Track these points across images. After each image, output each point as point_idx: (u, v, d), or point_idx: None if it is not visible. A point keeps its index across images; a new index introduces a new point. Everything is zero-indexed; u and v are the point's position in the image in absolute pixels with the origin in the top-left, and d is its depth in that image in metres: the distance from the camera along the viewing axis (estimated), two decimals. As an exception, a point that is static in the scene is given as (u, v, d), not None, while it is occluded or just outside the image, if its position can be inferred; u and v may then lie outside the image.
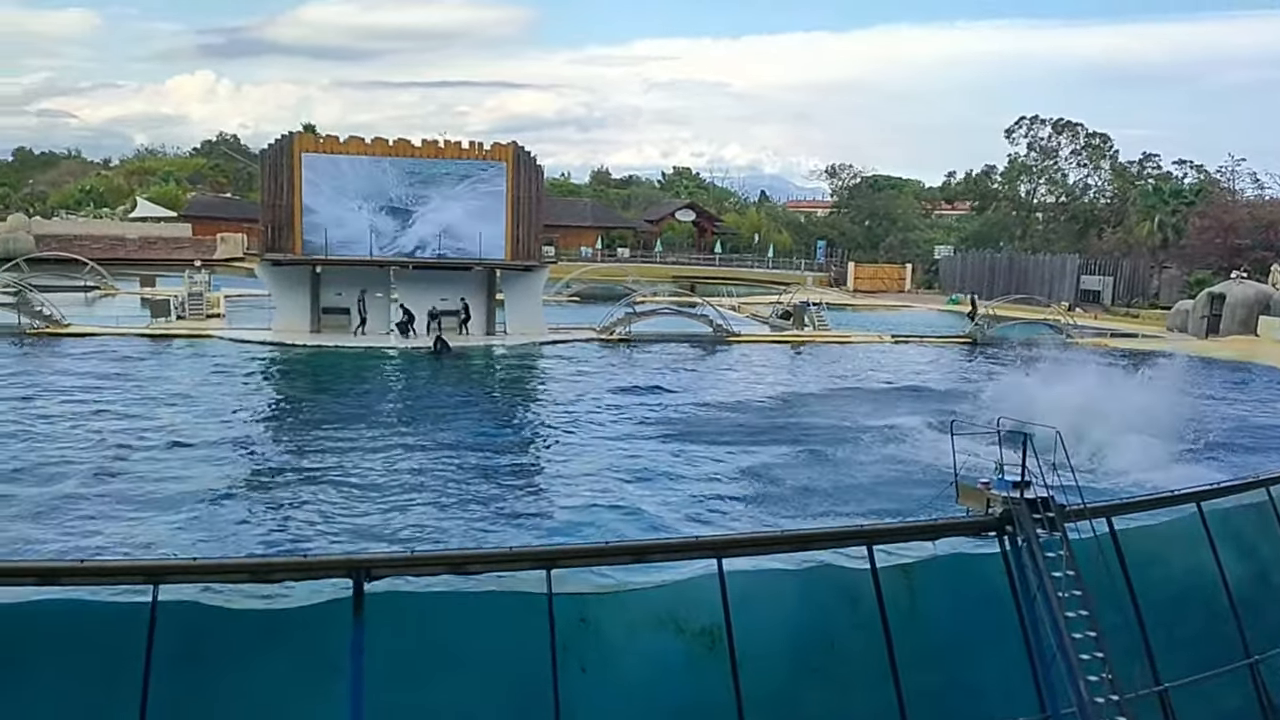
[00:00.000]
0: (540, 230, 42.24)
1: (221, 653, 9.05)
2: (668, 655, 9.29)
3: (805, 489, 19.76)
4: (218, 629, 9.14)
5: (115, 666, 8.62)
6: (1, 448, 20.54)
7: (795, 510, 18.11)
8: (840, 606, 9.74)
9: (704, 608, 9.29)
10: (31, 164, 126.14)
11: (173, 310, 41.93)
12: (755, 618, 9.32)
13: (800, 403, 29.24)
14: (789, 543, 9.85)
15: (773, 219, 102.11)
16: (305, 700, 8.99)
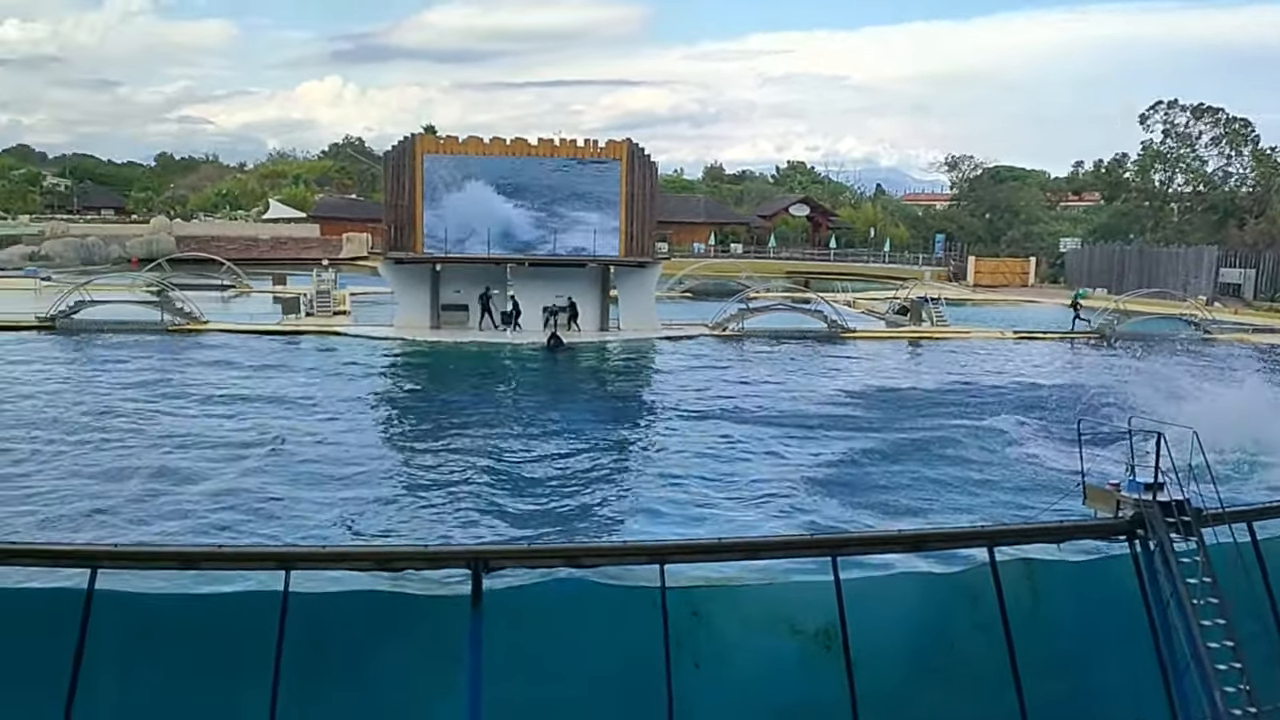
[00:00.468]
0: (654, 227, 42.42)
1: (344, 639, 9.39)
2: (781, 653, 9.25)
3: (922, 487, 19.35)
4: (342, 615, 9.49)
5: (246, 650, 9.03)
6: (148, 439, 21.70)
7: (912, 509, 17.76)
8: (960, 608, 9.53)
9: (818, 606, 9.21)
10: (172, 169, 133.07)
11: (302, 307, 43.61)
12: (870, 617, 9.19)
13: (917, 400, 28.65)
14: (906, 542, 9.68)
15: (889, 213, 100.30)
16: (425, 689, 9.26)
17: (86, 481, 18.31)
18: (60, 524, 15.68)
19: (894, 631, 9.32)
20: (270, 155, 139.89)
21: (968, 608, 9.52)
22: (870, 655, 9.03)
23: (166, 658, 9.07)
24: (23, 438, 21.49)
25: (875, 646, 9.11)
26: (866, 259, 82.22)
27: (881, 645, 9.17)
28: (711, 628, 9.21)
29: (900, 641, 9.38)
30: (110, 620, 8.87)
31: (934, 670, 9.45)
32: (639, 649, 9.14)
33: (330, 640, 9.28)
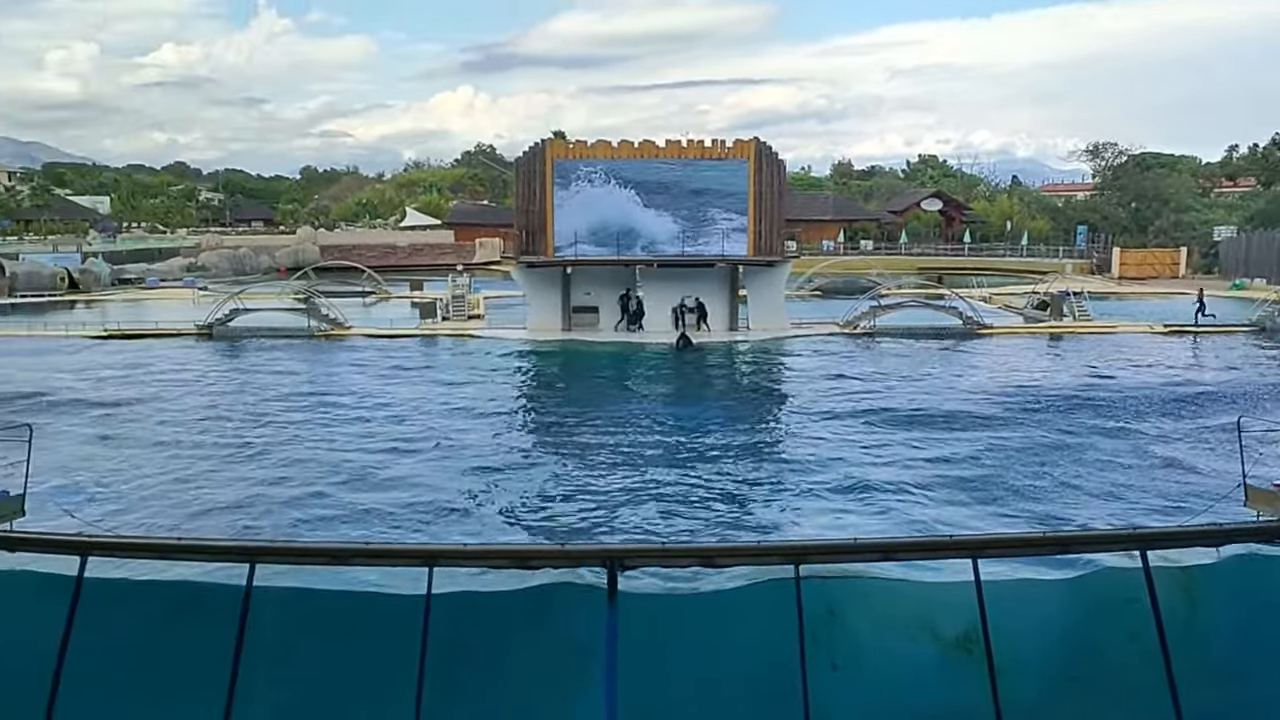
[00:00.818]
0: (782, 225, 42.09)
1: (486, 633, 9.66)
2: (919, 656, 9.07)
3: (1066, 489, 18.67)
4: (481, 612, 9.77)
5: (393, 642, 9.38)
6: (300, 439, 22.78)
7: (1055, 512, 17.14)
8: (1107, 614, 9.15)
9: (956, 609, 8.99)
10: (316, 181, 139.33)
11: (439, 312, 45.01)
12: (1010, 621, 8.92)
13: (1058, 397, 27.61)
14: (1051, 544, 9.33)
15: (1026, 205, 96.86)
16: (561, 686, 9.44)
17: (246, 479, 19.36)
18: (221, 519, 16.63)
19: (1035, 637, 9.02)
20: (406, 165, 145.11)
21: (1116, 614, 9.13)
22: (1010, 661, 8.77)
23: (317, 651, 9.50)
24: (187, 439, 22.86)
25: (1015, 652, 8.84)
26: (1003, 253, 79.57)
27: (1022, 651, 8.88)
28: (847, 626, 9.11)
29: (1042, 648, 9.06)
30: (267, 614, 9.36)
31: (1077, 679, 9.10)
32: (772, 647, 9.11)
33: (469, 636, 9.55)
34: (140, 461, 20.75)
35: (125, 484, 19.00)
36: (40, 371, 32.12)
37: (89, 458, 20.85)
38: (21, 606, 10.03)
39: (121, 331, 41.32)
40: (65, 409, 25.97)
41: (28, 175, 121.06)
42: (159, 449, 21.90)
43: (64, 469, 19.27)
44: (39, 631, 9.37)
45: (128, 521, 16.12)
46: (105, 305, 55.46)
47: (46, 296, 57.61)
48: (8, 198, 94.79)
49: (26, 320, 46.70)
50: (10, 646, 9.66)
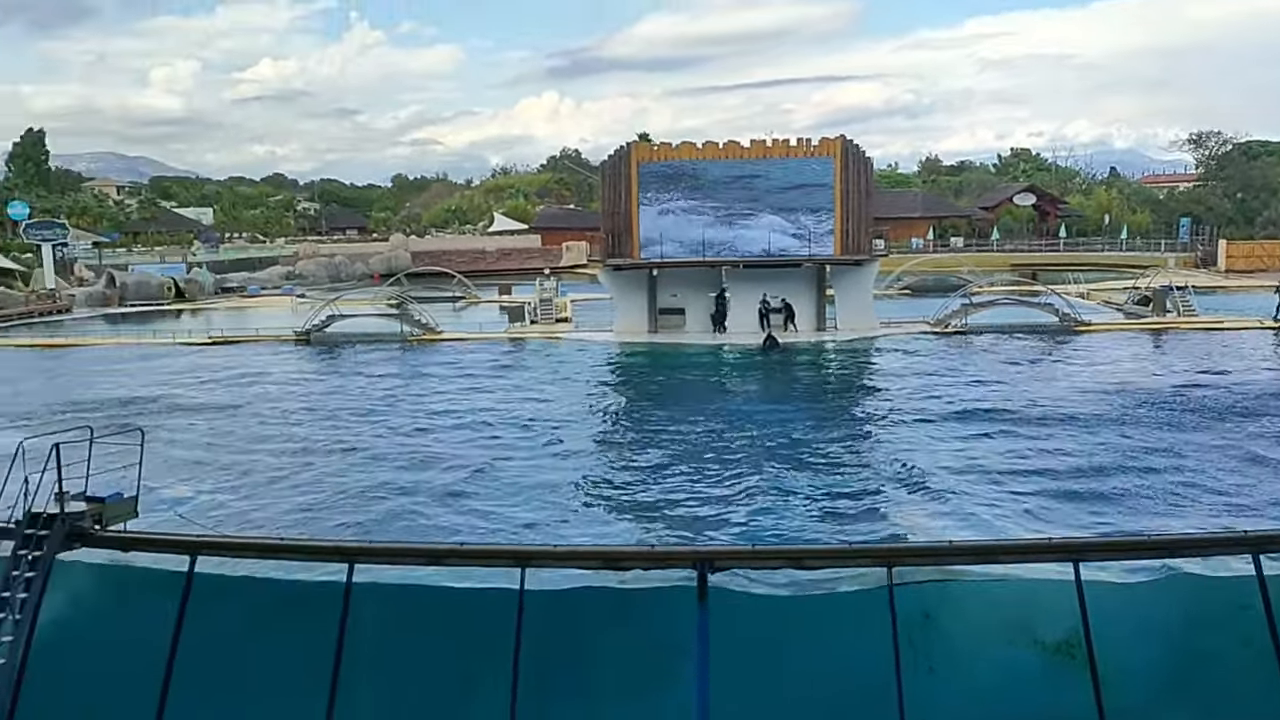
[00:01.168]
0: (870, 223, 41.50)
1: (577, 632, 9.76)
2: (1018, 661, 8.87)
3: (1172, 491, 18.02)
4: (573, 609, 9.87)
5: (487, 638, 9.54)
6: (395, 442, 23.30)
7: (1159, 514, 16.57)
8: (1218, 619, 8.81)
9: (1056, 613, 8.77)
10: (407, 189, 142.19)
11: (527, 315, 45.54)
12: (1113, 625, 8.67)
13: (1162, 396, 26.65)
14: (1157, 548, 9.04)
15: (1125, 197, 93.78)
16: (652, 683, 9.48)
17: (344, 479, 19.89)
18: (321, 519, 17.10)
19: (1141, 642, 8.74)
20: (494, 171, 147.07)
21: (1227, 619, 8.80)
22: (1115, 666, 8.52)
23: (417, 645, 9.72)
24: (287, 441, 23.57)
25: (1120, 657, 8.58)
26: (1101, 247, 77.24)
27: (1127, 656, 8.62)
28: (943, 631, 8.95)
29: (1149, 653, 8.77)
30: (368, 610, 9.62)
31: (1186, 685, 8.79)
32: (867, 650, 9.01)
33: (562, 633, 9.66)
34: (244, 463, 21.46)
35: (231, 485, 19.68)
36: (150, 377, 33.47)
37: (197, 460, 21.65)
38: (136, 602, 10.49)
39: (225, 338, 42.84)
40: (174, 413, 27.02)
41: (135, 189, 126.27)
42: (261, 451, 22.63)
43: (174, 471, 20.05)
44: (152, 626, 9.79)
45: (233, 521, 16.69)
46: (209, 313, 57.54)
47: (154, 305, 60.01)
48: (117, 211, 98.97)
49: (136, 328, 48.73)
50: (125, 640, 10.10)
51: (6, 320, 51.28)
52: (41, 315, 54.11)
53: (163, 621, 9.64)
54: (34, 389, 31.79)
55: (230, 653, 9.76)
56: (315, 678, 9.39)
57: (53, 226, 64.65)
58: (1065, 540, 9.78)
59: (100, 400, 29.05)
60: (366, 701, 9.47)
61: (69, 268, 67.14)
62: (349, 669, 9.44)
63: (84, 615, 10.17)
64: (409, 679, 9.59)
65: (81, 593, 10.21)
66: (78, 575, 10.13)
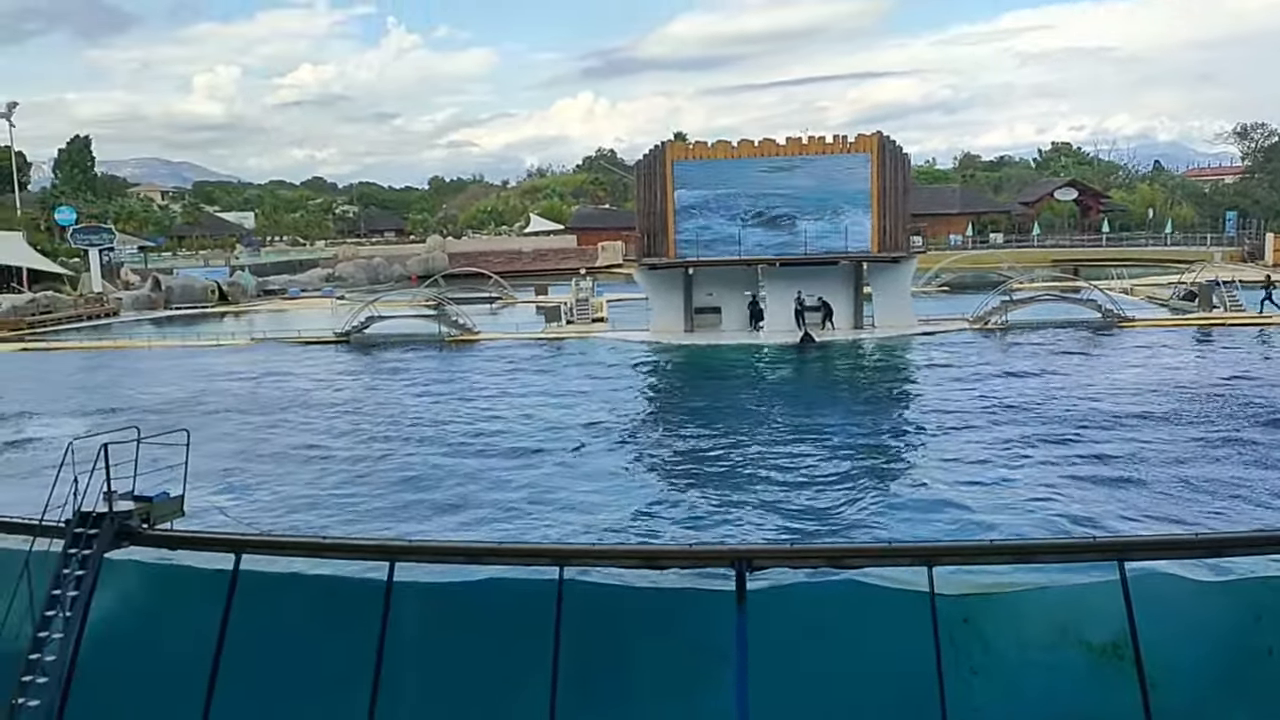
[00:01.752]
0: (907, 220, 41.17)
1: (617, 630, 9.78)
2: (1062, 664, 8.77)
3: (1217, 491, 17.69)
4: (613, 608, 9.89)
5: (526, 637, 9.59)
6: (435, 441, 23.48)
7: (1205, 514, 16.29)
8: (1269, 618, 8.65)
9: (1101, 614, 8.65)
10: (444, 191, 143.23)
11: (563, 316, 45.71)
12: (1160, 626, 8.54)
13: (1208, 394, 26.18)
14: (1204, 547, 8.89)
15: (1170, 191, 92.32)
16: (691, 682, 9.48)
17: (385, 479, 20.08)
18: (363, 518, 17.28)
19: (1190, 643, 8.60)
20: (529, 172, 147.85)
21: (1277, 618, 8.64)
22: (1163, 668, 8.39)
23: (457, 643, 9.80)
24: (329, 441, 23.84)
25: (1168, 658, 8.45)
26: (1145, 242, 76.09)
27: (1176, 657, 8.48)
28: (986, 635, 8.87)
29: (1198, 654, 8.63)
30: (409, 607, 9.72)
31: (1237, 685, 8.64)
32: (907, 653, 8.94)
33: (601, 632, 9.69)
34: (287, 463, 21.73)
35: (274, 485, 19.93)
36: (195, 378, 33.98)
37: (241, 459, 21.95)
38: (183, 600, 10.67)
39: (267, 339, 43.39)
40: (219, 413, 27.40)
41: (179, 194, 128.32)
42: (304, 451, 22.90)
43: (220, 471, 20.34)
44: (199, 623, 9.95)
45: (277, 520, 16.90)
46: (252, 315, 58.33)
47: (199, 308, 60.93)
48: (162, 216, 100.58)
49: (181, 331, 49.50)
50: (172, 637, 10.28)
51: (56, 323, 52.30)
52: (90, 318, 55.10)
53: (209, 619, 9.80)
54: (83, 390, 32.38)
55: (275, 649, 9.90)
56: (358, 674, 9.50)
57: (99, 231, 65.79)
58: (1110, 539, 9.67)
59: (147, 401, 29.54)
60: (409, 698, 9.56)
61: (115, 272, 68.34)
62: (391, 665, 9.54)
63: (132, 613, 10.37)
64: (449, 675, 9.68)
65: (130, 590, 10.40)
66: (126, 573, 10.32)
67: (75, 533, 9.75)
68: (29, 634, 9.24)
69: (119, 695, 9.93)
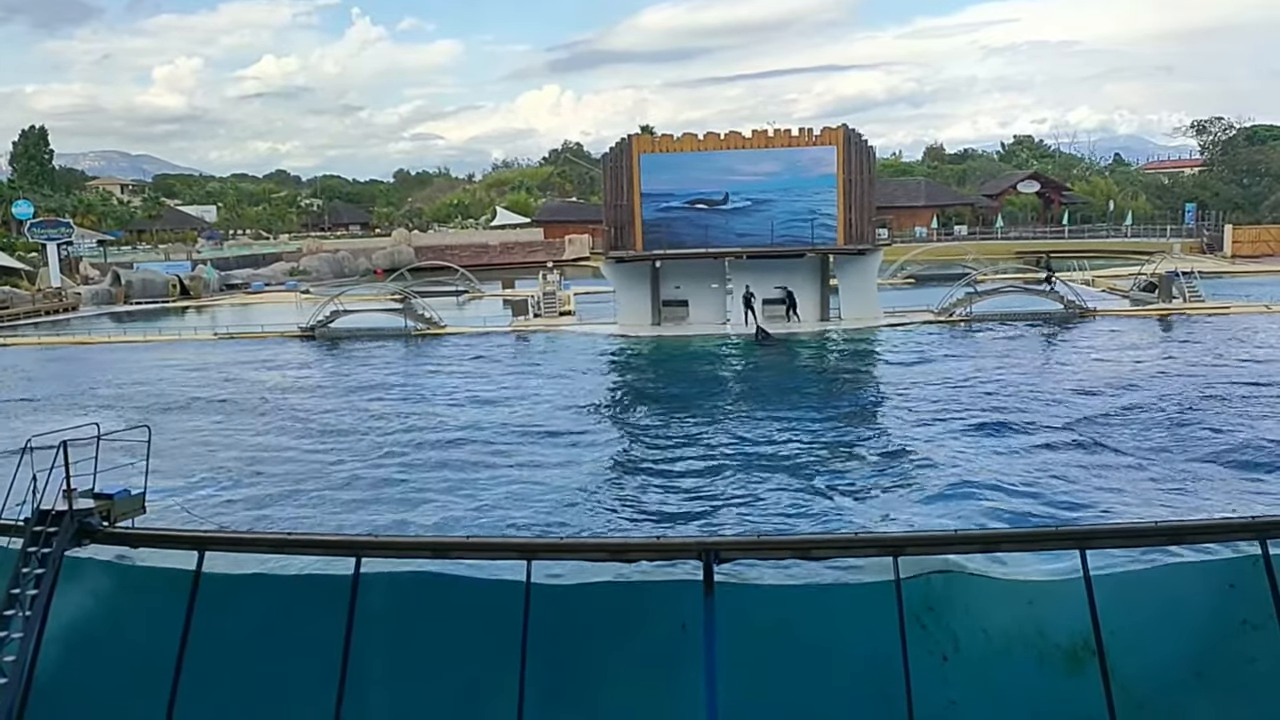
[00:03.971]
0: (873, 213, 41.40)
1: (584, 624, 9.77)
2: (1027, 652, 8.86)
3: (1181, 479, 17.99)
4: (581, 602, 9.88)
5: (495, 632, 9.57)
6: (401, 436, 23.33)
7: (1169, 503, 16.56)
8: (1231, 606, 8.78)
9: (1066, 604, 8.76)
10: (409, 184, 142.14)
11: (530, 309, 45.57)
12: (1124, 614, 8.65)
13: (1171, 383, 26.58)
14: (1163, 534, 9.05)
15: (1130, 183, 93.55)
16: (661, 675, 9.50)
17: (351, 474, 19.93)
18: (328, 514, 17.15)
19: (1154, 631, 8.73)
20: (495, 165, 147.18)
21: (1239, 605, 8.78)
22: (1127, 655, 8.51)
23: (424, 637, 9.75)
24: (294, 436, 23.62)
25: (1132, 646, 8.58)
26: (1105, 234, 77.08)
27: (1140, 645, 8.60)
28: (947, 623, 8.95)
29: (1163, 642, 8.76)
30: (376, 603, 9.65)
31: (1203, 674, 8.77)
32: (873, 641, 9.02)
33: (569, 624, 9.68)
34: (251, 459, 21.51)
35: (237, 481, 19.72)
36: (156, 375, 33.53)
37: (204, 456, 21.70)
38: (145, 597, 10.53)
39: (230, 334, 42.92)
40: (181, 410, 27.07)
41: (139, 187, 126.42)
42: (268, 447, 22.68)
43: (181, 468, 20.10)
44: (161, 621, 9.83)
45: (241, 517, 16.74)
46: (214, 310, 57.65)
47: (160, 303, 60.11)
48: (121, 209, 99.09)
49: (142, 326, 48.82)
50: (135, 635, 10.15)
51: (14, 319, 51.40)
52: (48, 314, 54.23)
53: (172, 616, 9.68)
54: (42, 387, 31.86)
55: (239, 647, 9.80)
56: (324, 671, 9.43)
57: (57, 225, 64.67)
58: (1071, 528, 9.79)
59: (107, 398, 29.13)
60: (376, 693, 9.51)
61: (74, 266, 67.25)
62: (358, 662, 9.48)
63: (93, 611, 10.21)
64: (417, 671, 9.62)
65: (90, 589, 10.25)
66: (86, 571, 10.17)
67: (34, 531, 9.60)
68: (-13, 634, 9.08)
69: (80, 695, 9.79)
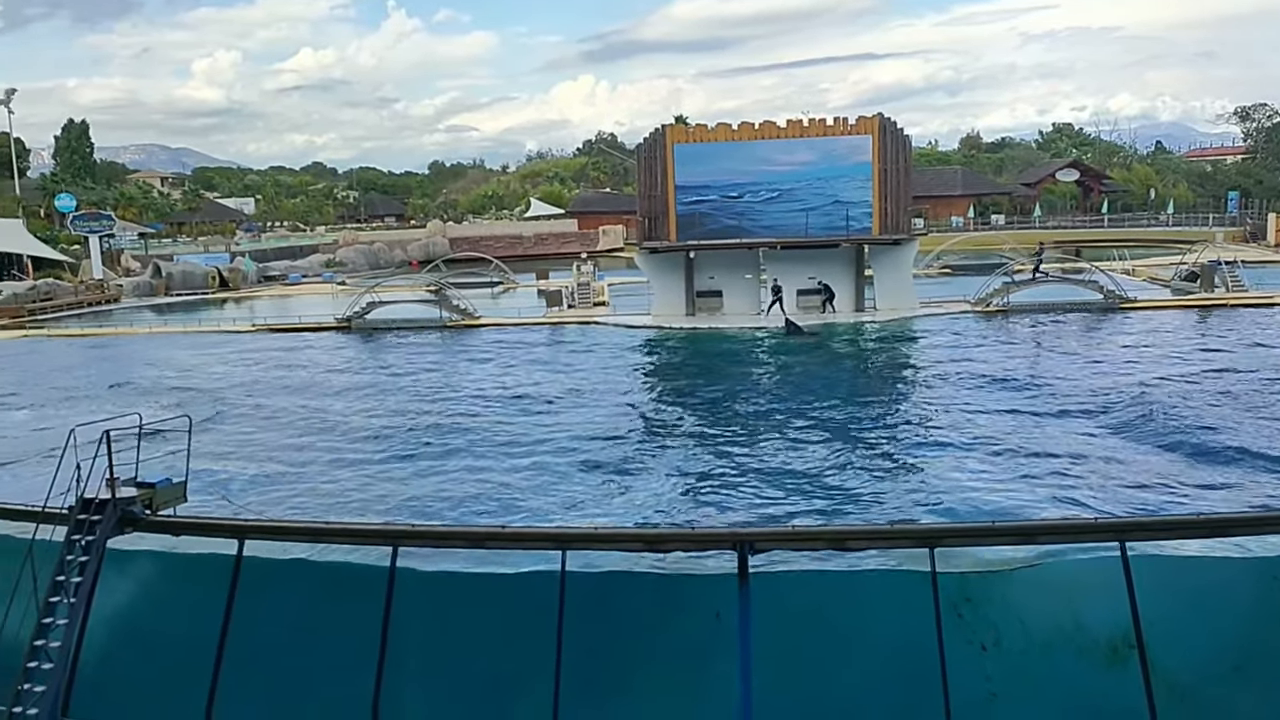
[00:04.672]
0: (909, 202, 41.06)
1: (618, 615, 9.79)
2: (1065, 644, 8.77)
3: (1226, 470, 17.69)
4: (615, 592, 9.90)
5: (528, 621, 9.61)
6: (437, 426, 23.48)
7: (1211, 495, 16.31)
8: (1275, 599, 8.64)
9: (1105, 596, 8.65)
10: (444, 176, 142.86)
11: (564, 300, 45.66)
12: (1166, 609, 8.54)
13: (1212, 374, 26.15)
14: (1205, 527, 8.89)
15: (1171, 172, 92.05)
16: (695, 665, 9.50)
17: (387, 463, 20.10)
18: (366, 503, 17.31)
19: (1195, 624, 8.61)
20: (529, 156, 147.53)
21: (1279, 598, 8.64)
22: (1167, 649, 8.40)
23: (461, 627, 9.82)
24: (331, 426, 23.85)
25: (1172, 639, 8.46)
26: (1146, 223, 75.93)
27: (1181, 638, 8.49)
28: (990, 614, 8.87)
29: (1205, 636, 8.64)
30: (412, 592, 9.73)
31: (1242, 668, 8.64)
32: (909, 633, 8.96)
33: (604, 614, 9.70)
34: (290, 448, 21.75)
35: (277, 470, 19.95)
36: (197, 365, 33.99)
37: (244, 445, 21.97)
38: (186, 585, 10.69)
39: (268, 326, 43.40)
40: (221, 400, 27.41)
41: (179, 180, 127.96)
42: (306, 436, 22.92)
43: (221, 457, 20.37)
44: (202, 608, 9.97)
45: (280, 506, 16.93)
46: (252, 301, 58.27)
47: (200, 294, 60.89)
48: (162, 202, 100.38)
49: (182, 317, 49.50)
50: (176, 622, 10.31)
51: (57, 310, 52.28)
52: (91, 305, 55.09)
53: (212, 604, 9.82)
54: (85, 378, 32.39)
55: (278, 633, 9.93)
56: (361, 658, 9.52)
57: (99, 218, 65.65)
58: (1111, 520, 9.67)
59: (149, 388, 29.56)
60: (412, 679, 9.59)
61: (115, 258, 68.26)
62: (394, 649, 9.56)
63: (136, 598, 10.39)
64: (452, 658, 9.70)
65: (133, 576, 10.42)
66: (129, 559, 10.34)
67: (79, 519, 9.76)
68: (34, 620, 9.26)
69: (123, 681, 9.97)
